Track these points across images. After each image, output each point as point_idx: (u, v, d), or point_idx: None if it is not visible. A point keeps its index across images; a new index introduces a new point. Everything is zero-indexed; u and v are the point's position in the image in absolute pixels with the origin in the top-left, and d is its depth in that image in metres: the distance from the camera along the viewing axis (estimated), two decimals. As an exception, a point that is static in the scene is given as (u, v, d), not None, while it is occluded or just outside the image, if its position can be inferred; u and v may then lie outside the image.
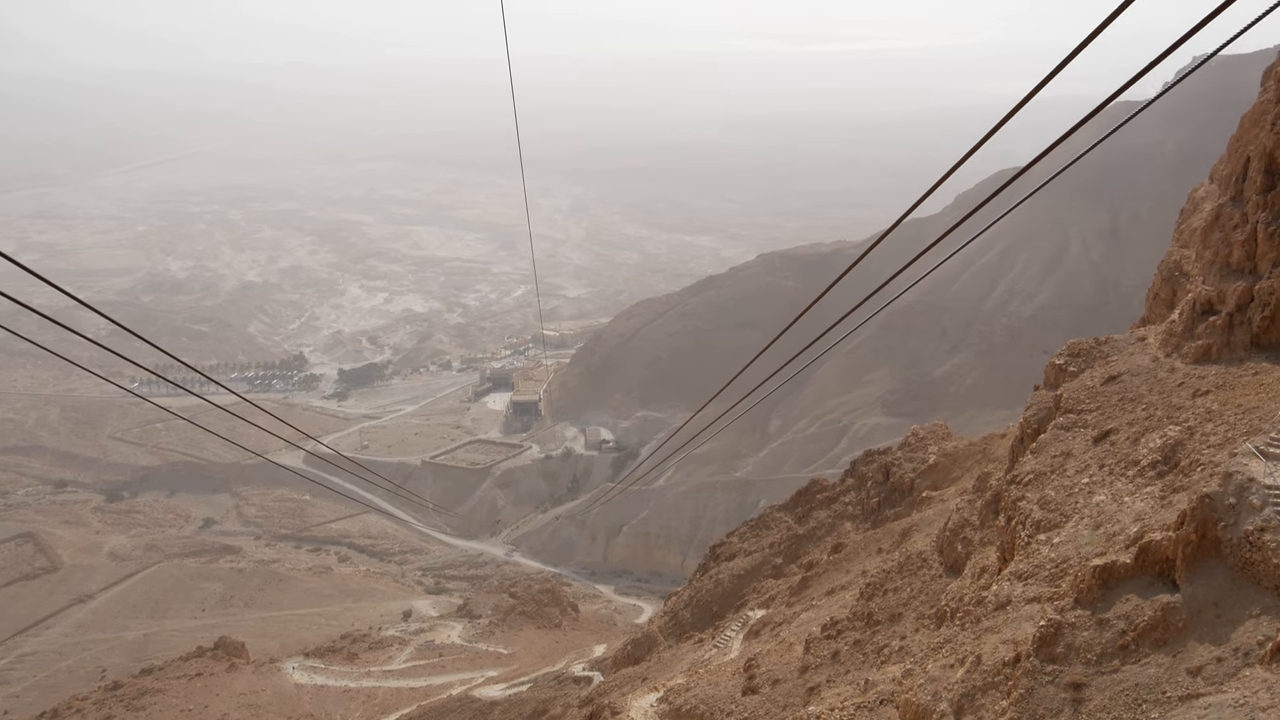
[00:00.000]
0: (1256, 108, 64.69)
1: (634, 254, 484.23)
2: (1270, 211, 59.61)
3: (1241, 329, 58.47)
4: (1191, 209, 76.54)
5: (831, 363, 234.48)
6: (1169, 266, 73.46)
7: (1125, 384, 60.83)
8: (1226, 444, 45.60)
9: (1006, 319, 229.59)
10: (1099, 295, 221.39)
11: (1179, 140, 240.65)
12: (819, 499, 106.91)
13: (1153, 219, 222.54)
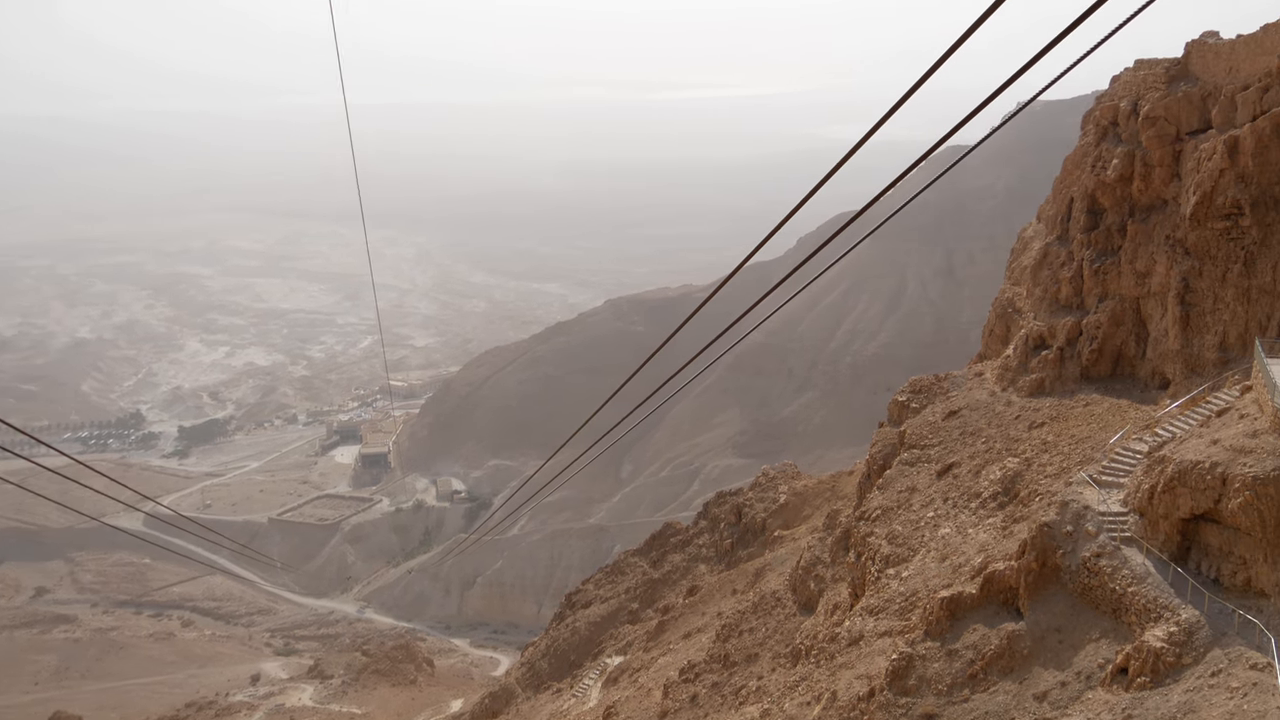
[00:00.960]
0: (1077, 151, 67.67)
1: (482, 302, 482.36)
2: (1094, 249, 62.22)
3: (1072, 362, 60.79)
4: (1021, 248, 79.58)
5: (682, 405, 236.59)
6: (1002, 303, 76.15)
7: (965, 418, 62.69)
8: (1062, 474, 47.22)
9: (851, 358, 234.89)
10: (938, 332, 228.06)
11: (1008, 182, 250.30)
12: (673, 542, 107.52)
13: (986, 258, 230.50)
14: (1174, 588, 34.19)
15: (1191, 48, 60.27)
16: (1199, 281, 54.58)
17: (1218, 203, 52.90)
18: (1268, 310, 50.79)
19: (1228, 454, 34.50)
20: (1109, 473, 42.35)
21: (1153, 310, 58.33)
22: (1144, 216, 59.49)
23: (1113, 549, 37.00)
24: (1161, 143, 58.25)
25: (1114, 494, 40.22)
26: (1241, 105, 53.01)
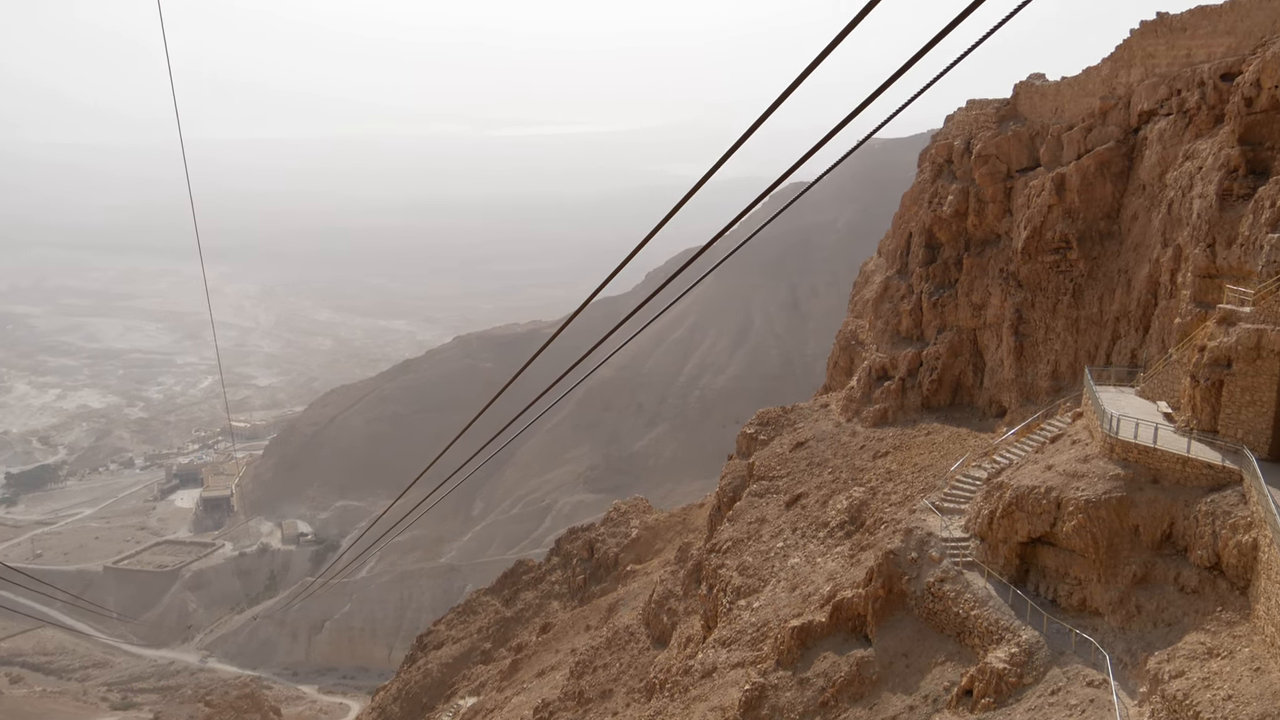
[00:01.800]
0: (915, 187, 69.73)
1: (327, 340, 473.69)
2: (933, 282, 64.06)
3: (913, 392, 62.36)
4: (863, 281, 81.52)
5: (533, 442, 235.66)
6: (846, 336, 77.83)
7: (812, 449, 63.77)
8: (906, 501, 48.32)
9: (699, 391, 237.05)
10: (784, 365, 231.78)
11: (850, 218, 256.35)
12: (525, 580, 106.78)
13: (829, 292, 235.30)
14: (1014, 609, 35.17)
15: (1020, 89, 62.71)
16: (1031, 313, 56.60)
17: (1047, 237, 55.03)
18: (1095, 340, 52.88)
19: (1062, 479, 35.71)
20: (951, 499, 43.47)
21: (989, 341, 60.24)
22: (979, 251, 61.51)
23: (956, 574, 37.93)
24: (993, 180, 60.38)
25: (956, 520, 41.27)
26: (1067, 144, 55.30)
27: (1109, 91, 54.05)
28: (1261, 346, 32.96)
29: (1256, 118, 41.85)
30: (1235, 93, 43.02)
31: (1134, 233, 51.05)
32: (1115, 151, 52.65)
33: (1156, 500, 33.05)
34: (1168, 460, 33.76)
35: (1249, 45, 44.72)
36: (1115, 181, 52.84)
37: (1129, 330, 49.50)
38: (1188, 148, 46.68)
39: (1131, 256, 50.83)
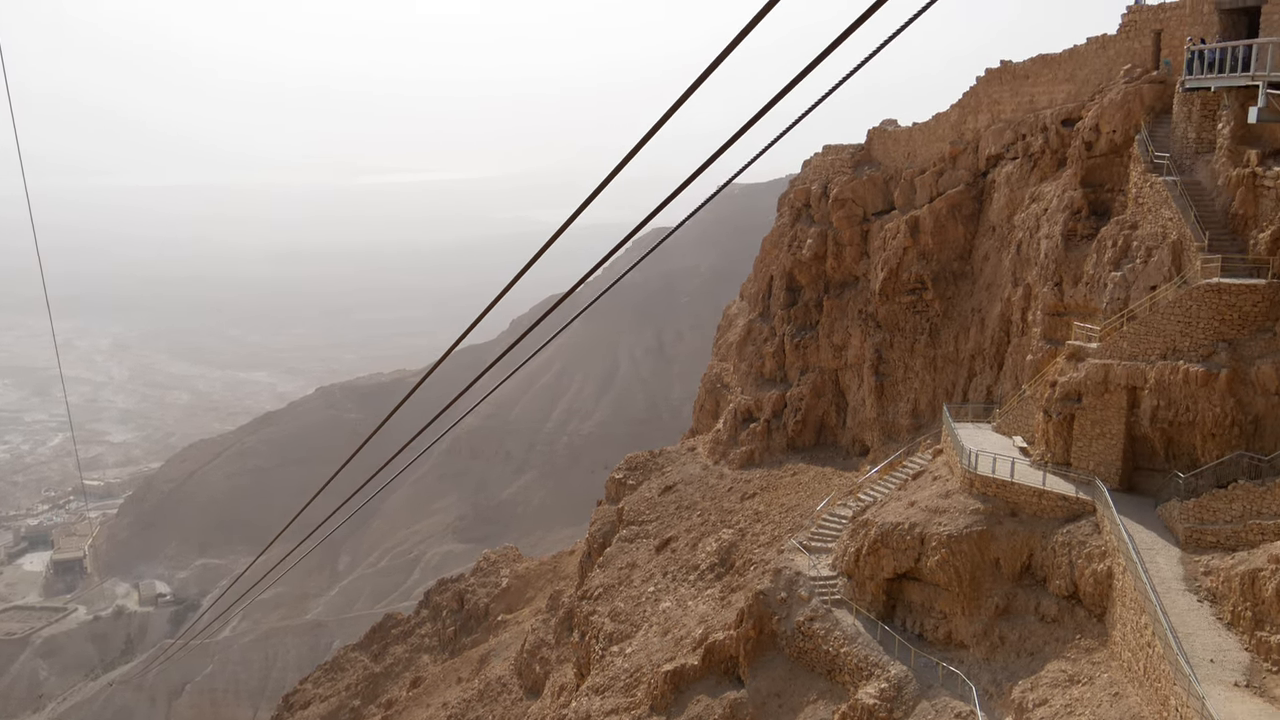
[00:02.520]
0: (774, 231, 70.93)
1: (184, 394, 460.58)
2: (794, 325, 65.09)
3: (779, 433, 63.14)
4: (727, 325, 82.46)
5: (400, 493, 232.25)
6: (711, 379, 78.54)
7: (681, 493, 64.04)
8: (774, 542, 48.76)
9: (568, 437, 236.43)
10: (651, 409, 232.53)
11: (712, 262, 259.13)
12: (395, 634, 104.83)
13: (694, 335, 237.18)
14: (883, 645, 35.67)
15: (873, 134, 64.34)
16: (890, 352, 57.86)
17: (903, 278, 56.40)
18: (953, 377, 54.24)
19: (924, 515, 36.42)
20: (818, 538, 44.01)
21: (851, 381, 61.35)
22: (838, 292, 62.74)
23: (825, 612, 38.35)
24: (850, 223, 61.73)
25: (823, 559, 41.78)
26: (920, 188, 56.86)
27: (958, 136, 55.77)
28: (1109, 381, 34.14)
29: (1097, 161, 43.58)
30: (1076, 137, 44.76)
31: (986, 273, 52.59)
32: (965, 194, 54.29)
33: (1015, 533, 33.91)
34: (1025, 493, 34.69)
35: (1087, 92, 46.60)
36: (966, 223, 54.45)
37: (984, 367, 50.87)
38: (1034, 190, 48.35)
39: (984, 296, 52.33)
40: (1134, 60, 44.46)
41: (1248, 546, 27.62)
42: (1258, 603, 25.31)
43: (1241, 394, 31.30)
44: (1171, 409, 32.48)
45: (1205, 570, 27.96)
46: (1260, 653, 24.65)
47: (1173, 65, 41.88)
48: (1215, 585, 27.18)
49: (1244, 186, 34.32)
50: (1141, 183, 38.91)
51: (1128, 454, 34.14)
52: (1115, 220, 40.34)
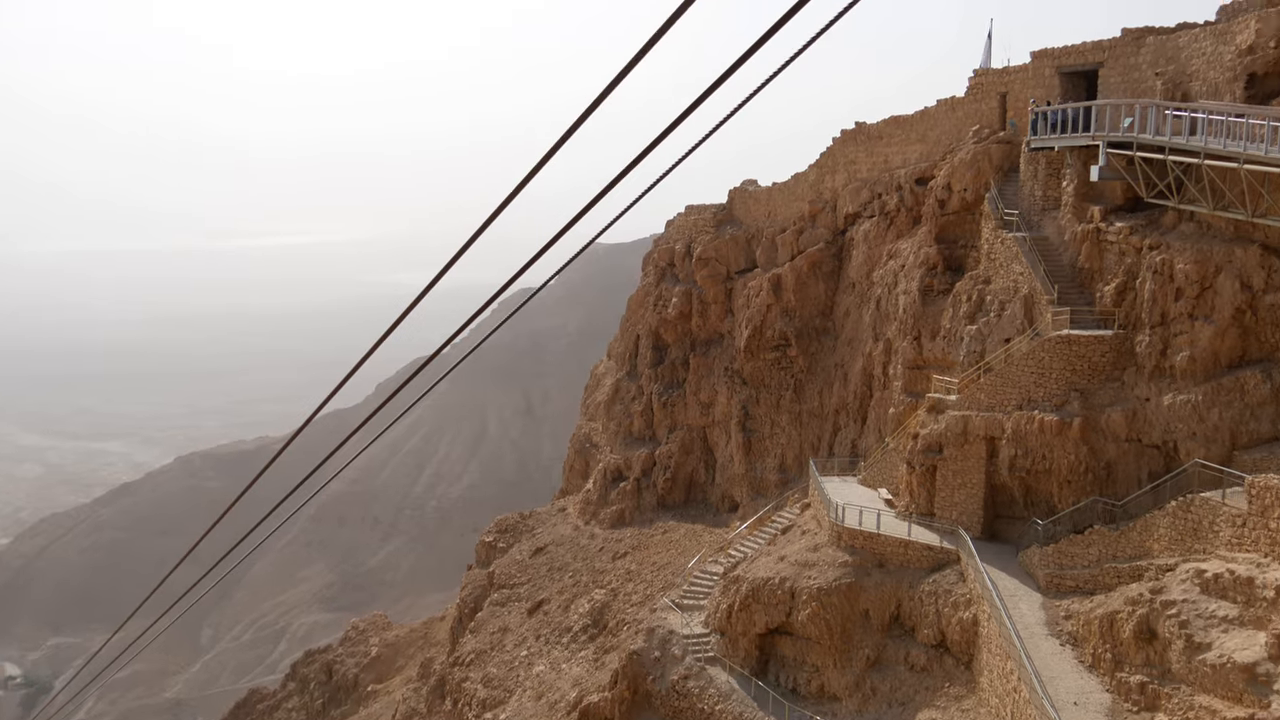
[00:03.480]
0: (640, 291, 71.42)
1: (35, 466, 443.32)
2: (661, 383, 65.46)
3: (649, 492, 63.22)
4: (595, 384, 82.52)
5: (264, 563, 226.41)
6: (580, 439, 78.38)
7: (552, 554, 63.61)
8: (647, 601, 48.63)
9: (436, 501, 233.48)
10: (521, 471, 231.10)
11: (579, 322, 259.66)
12: (260, 709, 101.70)
13: (562, 396, 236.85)
14: (757, 701, 35.74)
15: (734, 194, 65.42)
16: (757, 409, 58.51)
17: (767, 335, 57.21)
18: (818, 432, 55.04)
19: (794, 569, 36.74)
20: (690, 596, 44.04)
21: (718, 438, 61.82)
22: (704, 350, 63.34)
23: (698, 669, 38.31)
24: (714, 281, 62.51)
25: (696, 616, 41.80)
26: (781, 246, 57.88)
27: (817, 196, 57.01)
28: (968, 432, 34.98)
29: (950, 218, 44.90)
30: (930, 196, 46.10)
31: (847, 328, 53.63)
32: (825, 252, 55.43)
33: (883, 584, 34.38)
34: (891, 544, 35.25)
35: (939, 152, 48.09)
36: (827, 280, 55.55)
37: (848, 421, 51.73)
38: (891, 247, 49.58)
39: (846, 351, 53.32)
40: (982, 121, 46.06)
41: (1105, 590, 28.41)
42: (1116, 644, 26.00)
43: (1094, 441, 32.33)
44: (1029, 457, 33.39)
45: (1066, 614, 28.66)
46: (1120, 693, 25.30)
47: (1018, 126, 43.49)
48: (1076, 629, 27.87)
49: (1089, 241, 35.67)
50: (993, 239, 40.17)
51: (989, 502, 34.95)
52: (969, 275, 41.55)
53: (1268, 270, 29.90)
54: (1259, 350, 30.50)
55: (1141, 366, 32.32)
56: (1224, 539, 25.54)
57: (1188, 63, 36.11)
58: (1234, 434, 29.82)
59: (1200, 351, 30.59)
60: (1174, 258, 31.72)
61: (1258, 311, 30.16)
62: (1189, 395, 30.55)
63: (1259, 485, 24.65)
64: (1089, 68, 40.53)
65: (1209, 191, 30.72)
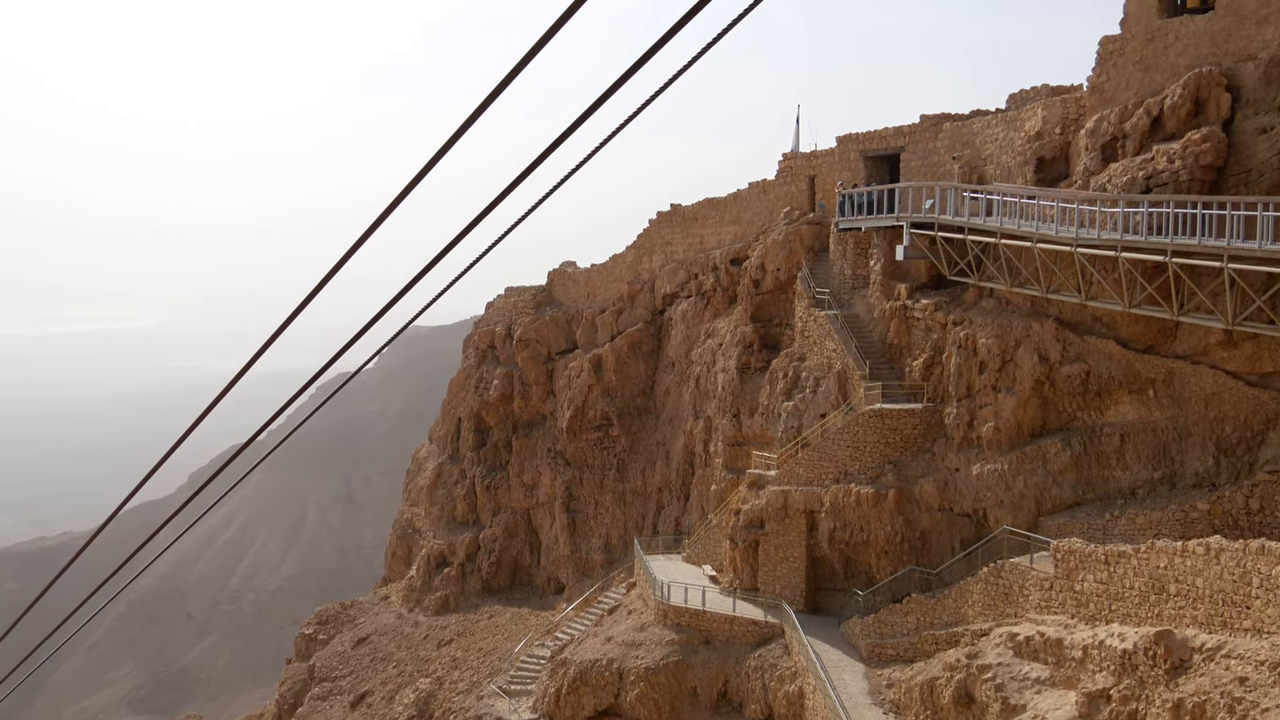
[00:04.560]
0: (461, 373, 70.96)
1: None
2: (484, 466, 64.93)
3: (473, 577, 62.39)
4: (416, 469, 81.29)
5: (69, 664, 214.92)
6: (402, 525, 76.99)
7: (375, 644, 62.04)
8: (474, 688, 47.80)
9: (254, 594, 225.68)
10: (342, 559, 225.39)
11: (399, 406, 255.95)
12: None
13: (384, 481, 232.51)
14: (586, 786, 35.34)
15: (554, 276, 65.81)
16: (581, 489, 58.50)
17: (589, 415, 57.42)
18: (642, 510, 55.29)
19: (621, 649, 36.62)
20: (518, 681, 43.46)
21: (543, 519, 61.52)
22: (527, 432, 63.15)
23: (528, 757, 37.73)
24: (535, 363, 62.55)
25: (524, 701, 41.24)
26: (601, 327, 58.36)
27: (635, 276, 57.77)
28: (788, 506, 35.62)
29: (765, 297, 46.02)
30: (744, 275, 47.20)
31: (668, 407, 54.24)
32: (645, 332, 56.11)
33: (710, 661, 34.54)
34: (717, 621, 35.49)
35: (752, 232, 49.36)
36: (647, 360, 56.18)
37: (671, 499, 52.13)
38: (708, 326, 50.50)
39: (668, 429, 53.87)
40: (792, 203, 47.49)
41: (924, 657, 29.08)
42: (937, 710, 26.60)
43: (908, 512, 33.27)
44: (847, 530, 34.15)
45: (888, 683, 29.23)
46: (941, 759, 25.84)
47: (827, 207, 44.97)
48: (898, 696, 28.43)
49: (897, 318, 36.97)
50: (806, 317, 41.29)
51: (810, 575, 35.55)
52: (785, 353, 42.58)
53: (1063, 343, 31.39)
54: (1058, 419, 31.91)
55: (951, 438, 33.50)
56: (1034, 602, 26.46)
57: (982, 147, 38.00)
58: (1039, 500, 31.06)
59: (1004, 422, 31.87)
60: (976, 333, 33.09)
61: (1055, 382, 31.59)
62: (995, 464, 31.75)
63: (1063, 549, 25.67)
64: (891, 152, 42.31)
65: (1006, 269, 32.23)
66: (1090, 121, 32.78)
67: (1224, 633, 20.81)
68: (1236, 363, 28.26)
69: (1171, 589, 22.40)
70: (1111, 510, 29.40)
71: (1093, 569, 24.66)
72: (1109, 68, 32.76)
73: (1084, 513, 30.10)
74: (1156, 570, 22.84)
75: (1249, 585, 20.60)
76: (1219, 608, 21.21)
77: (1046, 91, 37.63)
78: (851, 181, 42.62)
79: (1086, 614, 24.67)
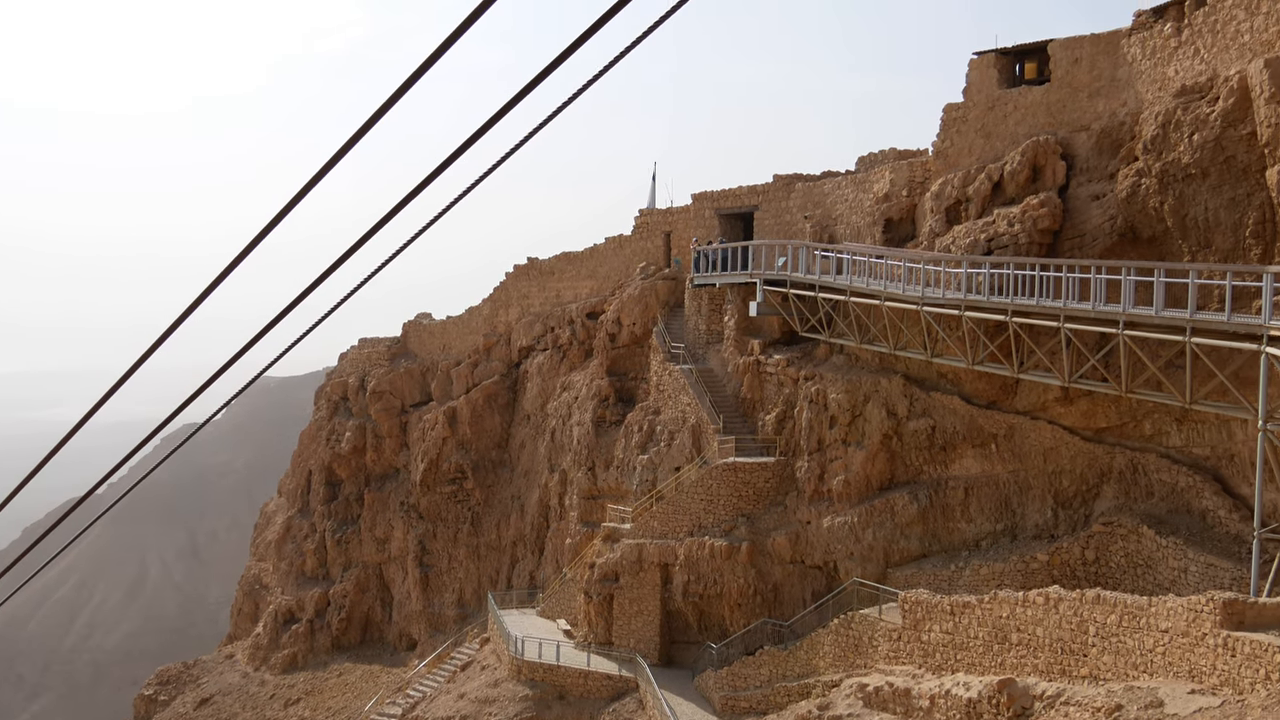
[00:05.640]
0: (312, 425, 69.68)
1: None
2: (335, 520, 63.76)
3: (323, 633, 61.02)
4: (265, 523, 79.38)
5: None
6: (249, 580, 74.99)
7: (219, 705, 60.15)
8: (321, 749, 46.58)
9: (90, 653, 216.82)
10: (185, 616, 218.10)
11: (248, 458, 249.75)
12: None
13: (230, 535, 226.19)
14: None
15: (409, 327, 65.23)
16: (434, 543, 57.77)
17: (444, 469, 56.86)
18: (496, 565, 54.83)
19: (474, 706, 36.16)
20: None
21: (395, 574, 60.53)
22: (379, 485, 62.20)
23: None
24: (389, 415, 61.76)
25: (373, 762, 40.36)
26: (456, 379, 57.98)
27: (491, 329, 57.64)
28: (643, 560, 35.72)
29: (620, 351, 46.34)
30: (600, 329, 47.50)
31: (524, 460, 54.05)
32: (500, 385, 55.93)
33: (564, 716, 34.33)
34: (571, 675, 35.32)
35: (609, 287, 49.73)
36: (503, 413, 55.98)
37: (526, 553, 51.85)
38: (564, 379, 50.60)
39: (523, 483, 53.65)
40: (648, 258, 48.03)
41: (777, 709, 29.33)
42: (788, 763, 26.80)
43: (761, 564, 33.66)
44: (701, 583, 34.37)
45: (740, 736, 29.38)
46: (793, 811, 26.02)
47: (682, 263, 45.59)
48: (750, 750, 28.58)
49: (750, 373, 37.58)
50: (661, 371, 41.67)
51: (665, 629, 35.64)
52: (640, 406, 42.87)
53: (910, 398, 32.27)
54: (906, 473, 32.73)
55: (802, 491, 34.07)
56: (883, 653, 26.95)
57: (833, 207, 39.02)
58: (887, 552, 31.75)
59: (854, 475, 32.55)
60: (827, 388, 33.82)
61: (903, 437, 32.42)
62: (845, 517, 32.37)
63: (910, 600, 26.24)
64: (745, 210, 43.14)
65: (856, 326, 33.07)
66: (935, 185, 33.96)
67: (1063, 680, 21.48)
68: (1073, 418, 29.45)
69: (1014, 638, 23.06)
70: (957, 561, 30.22)
71: (939, 619, 25.25)
72: (952, 134, 34.03)
73: (931, 564, 30.88)
74: (999, 620, 23.50)
75: (1086, 634, 21.33)
76: (1058, 656, 21.90)
77: (894, 155, 38.92)
78: (706, 238, 43.27)
79: (933, 664, 25.22)
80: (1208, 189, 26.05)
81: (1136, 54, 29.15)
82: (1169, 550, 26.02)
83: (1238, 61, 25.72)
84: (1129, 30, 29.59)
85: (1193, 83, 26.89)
